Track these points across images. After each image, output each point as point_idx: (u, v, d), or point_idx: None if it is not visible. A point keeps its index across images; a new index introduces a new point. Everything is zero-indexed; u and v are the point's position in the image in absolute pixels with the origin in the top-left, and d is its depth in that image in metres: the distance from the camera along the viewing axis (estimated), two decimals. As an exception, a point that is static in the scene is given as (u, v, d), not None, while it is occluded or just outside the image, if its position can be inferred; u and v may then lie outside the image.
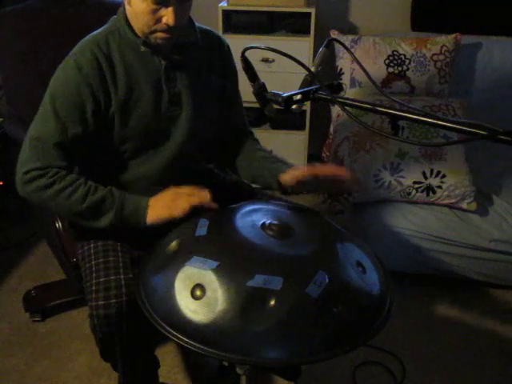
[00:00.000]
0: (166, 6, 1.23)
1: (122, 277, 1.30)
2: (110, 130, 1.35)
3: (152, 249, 1.26)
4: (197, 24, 1.43)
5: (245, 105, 1.62)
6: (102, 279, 1.29)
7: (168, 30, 1.26)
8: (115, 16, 1.38)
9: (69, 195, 1.29)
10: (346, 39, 2.51)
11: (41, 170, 1.29)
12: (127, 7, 1.30)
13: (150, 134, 1.38)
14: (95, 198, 1.30)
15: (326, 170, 1.38)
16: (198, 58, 1.42)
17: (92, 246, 1.41)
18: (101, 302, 1.25)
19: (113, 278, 1.29)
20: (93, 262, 1.36)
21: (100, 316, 1.25)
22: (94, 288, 1.29)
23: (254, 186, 1.62)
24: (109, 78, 1.30)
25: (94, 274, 1.32)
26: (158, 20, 1.25)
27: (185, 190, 1.32)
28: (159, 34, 1.28)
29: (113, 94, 1.31)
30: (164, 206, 1.30)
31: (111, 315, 1.25)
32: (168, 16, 1.23)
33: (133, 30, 1.32)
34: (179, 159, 1.44)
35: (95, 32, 1.36)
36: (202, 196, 1.29)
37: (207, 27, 1.48)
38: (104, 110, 1.32)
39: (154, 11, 1.24)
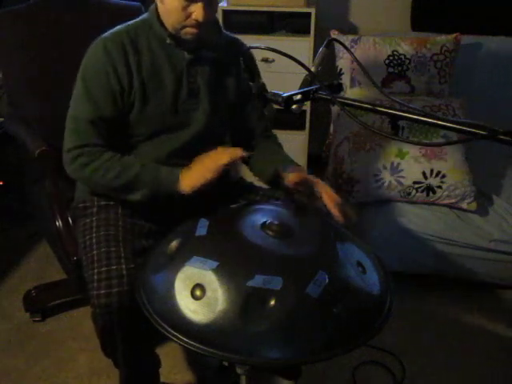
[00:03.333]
0: (196, 2, 1.31)
1: (123, 266, 1.31)
2: (128, 113, 1.41)
3: (153, 247, 1.26)
4: (225, 31, 1.52)
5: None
6: (103, 269, 1.31)
7: (197, 25, 1.34)
8: (147, 12, 1.46)
9: (105, 173, 1.37)
10: (346, 39, 2.51)
11: (80, 149, 1.37)
12: (159, 5, 1.39)
13: (165, 123, 1.44)
14: (131, 175, 1.37)
15: (327, 192, 1.36)
16: (220, 58, 1.48)
17: (94, 235, 1.42)
18: (102, 291, 1.27)
19: (114, 267, 1.30)
20: (94, 252, 1.37)
21: (101, 305, 1.27)
22: (95, 277, 1.30)
23: (259, 183, 1.63)
24: (133, 64, 1.38)
25: (95, 264, 1.33)
26: (188, 16, 1.33)
27: (212, 153, 1.37)
28: (189, 30, 1.36)
29: (136, 78, 1.39)
30: (195, 173, 1.36)
31: (112, 304, 1.26)
32: (197, 12, 1.31)
33: (162, 25, 1.40)
34: (188, 152, 1.45)
35: (126, 23, 1.44)
36: (230, 153, 1.35)
37: (234, 35, 1.57)
38: (127, 93, 1.39)
39: (185, 8, 1.32)
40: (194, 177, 1.35)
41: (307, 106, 2.72)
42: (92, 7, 1.92)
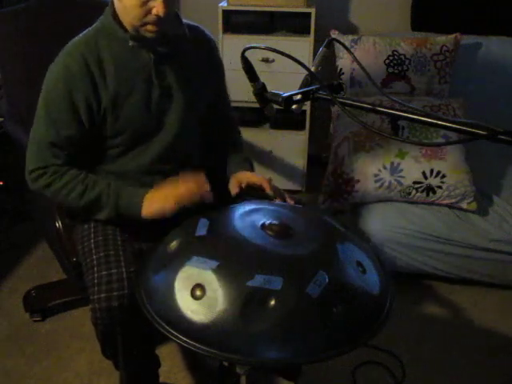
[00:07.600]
0: None
1: (123, 270, 1.31)
2: (103, 125, 1.38)
3: (153, 247, 1.26)
4: (184, 20, 1.46)
5: (244, 105, 1.63)
6: (103, 273, 1.31)
7: (158, 21, 1.29)
8: (103, 15, 1.40)
9: (68, 193, 1.36)
10: (346, 39, 2.51)
11: (41, 170, 1.36)
12: (116, 3, 1.33)
13: (142, 128, 1.41)
14: (91, 196, 1.36)
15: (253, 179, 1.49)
16: (186, 51, 1.45)
17: (92, 240, 1.42)
18: (103, 295, 1.26)
19: (114, 271, 1.30)
20: (94, 257, 1.37)
21: (102, 309, 1.26)
22: (96, 281, 1.30)
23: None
24: (98, 75, 1.33)
25: (95, 268, 1.33)
26: (148, 12, 1.28)
27: (182, 185, 1.35)
28: (149, 27, 1.31)
29: (103, 91, 1.34)
30: (157, 201, 1.35)
31: (113, 308, 1.26)
32: (158, 7, 1.26)
33: (121, 26, 1.35)
34: (171, 152, 1.46)
35: (84, 32, 1.38)
36: (195, 193, 1.34)
37: (194, 23, 1.51)
38: (96, 107, 1.35)
39: (144, 4, 1.27)
40: (154, 205, 1.35)
41: (307, 105, 2.72)
42: (92, 7, 1.91)
